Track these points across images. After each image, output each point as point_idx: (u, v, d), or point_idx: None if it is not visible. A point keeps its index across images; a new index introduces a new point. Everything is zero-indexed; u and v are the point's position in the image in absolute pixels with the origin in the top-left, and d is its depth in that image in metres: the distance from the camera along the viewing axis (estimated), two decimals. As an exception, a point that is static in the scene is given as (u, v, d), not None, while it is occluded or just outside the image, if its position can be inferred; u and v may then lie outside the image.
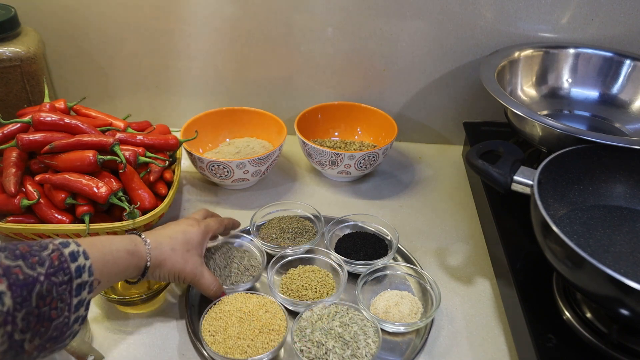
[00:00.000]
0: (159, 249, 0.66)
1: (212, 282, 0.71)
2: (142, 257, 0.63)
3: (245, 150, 1.02)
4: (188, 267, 0.68)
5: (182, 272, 0.68)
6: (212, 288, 0.71)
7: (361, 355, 0.66)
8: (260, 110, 1.04)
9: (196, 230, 0.71)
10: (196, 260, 0.70)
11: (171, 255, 0.66)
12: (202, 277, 0.70)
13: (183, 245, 0.69)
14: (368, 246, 0.83)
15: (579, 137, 0.74)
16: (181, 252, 0.68)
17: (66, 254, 0.51)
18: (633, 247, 0.70)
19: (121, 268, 0.60)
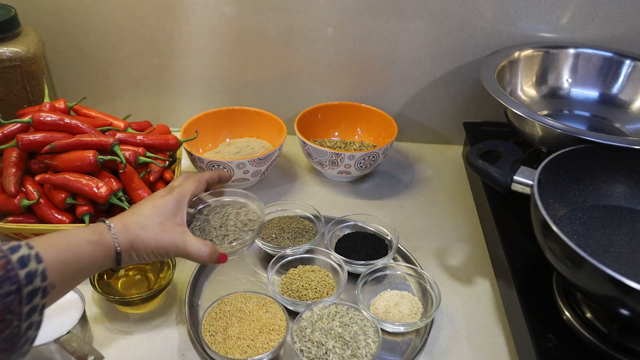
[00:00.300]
0: (126, 231, 0.59)
1: (200, 247, 0.63)
2: (109, 244, 0.57)
3: (245, 150, 1.02)
4: (165, 239, 0.61)
5: (160, 247, 0.61)
6: (202, 254, 0.63)
7: (361, 355, 0.66)
8: (260, 110, 1.04)
9: (168, 198, 0.63)
10: (173, 229, 0.62)
11: (142, 233, 0.60)
12: (186, 246, 0.62)
13: (154, 219, 0.62)
14: (368, 246, 0.83)
15: (579, 137, 0.74)
16: (153, 227, 0.61)
17: (14, 261, 0.47)
18: (633, 247, 0.70)
19: (87, 262, 0.55)
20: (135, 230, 0.60)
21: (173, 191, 0.65)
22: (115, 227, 0.59)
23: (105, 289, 0.75)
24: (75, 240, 0.55)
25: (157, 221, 0.61)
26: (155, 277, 0.78)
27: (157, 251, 0.61)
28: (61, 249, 0.53)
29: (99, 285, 0.75)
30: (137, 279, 0.78)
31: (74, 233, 0.56)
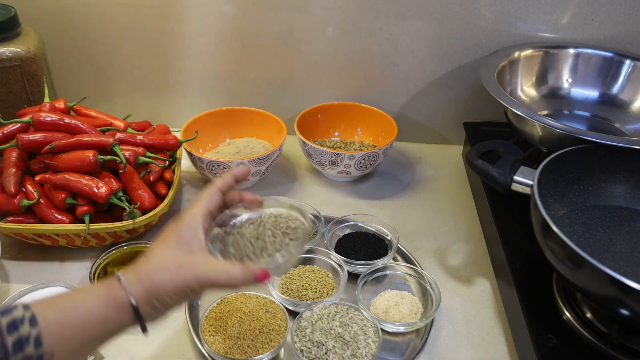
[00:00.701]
0: (139, 279, 0.50)
1: (229, 271, 0.52)
2: (121, 298, 0.49)
3: (245, 150, 1.02)
4: (184, 275, 0.51)
5: (182, 286, 0.51)
6: (233, 278, 0.52)
7: (361, 355, 0.66)
8: (260, 110, 1.04)
9: (177, 227, 0.54)
10: (192, 260, 0.52)
11: (156, 276, 0.50)
12: (209, 275, 0.51)
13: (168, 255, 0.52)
14: (368, 246, 0.83)
15: (579, 137, 0.74)
16: (167, 265, 0.51)
17: (2, 325, 0.41)
18: (633, 247, 0.70)
19: (96, 322, 0.47)
20: (148, 275, 0.51)
21: (180, 218, 0.55)
22: (126, 278, 0.50)
23: (105, 289, 0.75)
24: (80, 297, 0.48)
25: (170, 258, 0.52)
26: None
27: (180, 291, 0.51)
28: (62, 308, 0.46)
29: (99, 285, 0.75)
30: (137, 279, 0.77)
31: (81, 290, 0.50)
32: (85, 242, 0.80)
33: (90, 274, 0.75)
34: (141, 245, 0.81)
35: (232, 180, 0.60)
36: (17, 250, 0.84)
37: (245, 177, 0.61)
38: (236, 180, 0.60)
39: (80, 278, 0.80)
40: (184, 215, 0.55)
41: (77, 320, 0.46)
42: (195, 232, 0.54)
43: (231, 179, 0.60)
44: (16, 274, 0.80)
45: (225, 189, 0.59)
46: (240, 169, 0.61)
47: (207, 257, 0.53)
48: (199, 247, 0.53)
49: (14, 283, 0.79)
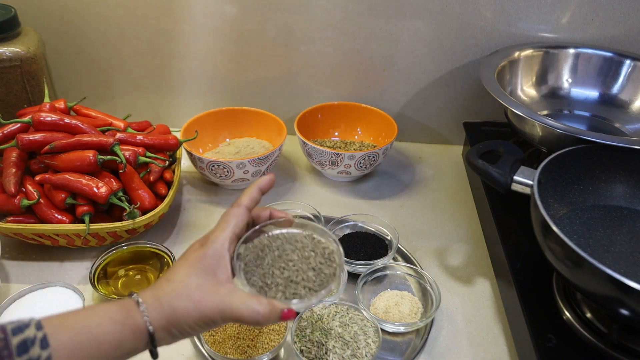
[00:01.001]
0: (159, 305, 0.48)
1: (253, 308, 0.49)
2: (138, 324, 0.47)
3: (245, 150, 1.02)
4: (207, 306, 0.48)
5: (204, 317, 0.48)
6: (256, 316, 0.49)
7: (361, 355, 0.66)
8: (260, 110, 1.04)
9: (202, 253, 0.51)
10: (216, 292, 0.49)
11: (177, 303, 0.48)
12: (233, 310, 0.49)
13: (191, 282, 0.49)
14: (368, 246, 0.83)
15: (579, 137, 0.74)
16: (190, 293, 0.48)
17: (13, 345, 0.40)
18: (633, 247, 0.70)
19: (109, 347, 0.45)
20: (169, 302, 0.48)
21: (207, 241, 0.52)
22: (145, 301, 0.48)
23: (105, 288, 0.75)
24: (96, 319, 0.46)
25: (194, 285, 0.49)
26: (155, 277, 0.78)
27: (202, 322, 0.49)
28: (76, 331, 0.44)
29: (99, 285, 0.75)
30: (137, 279, 0.78)
31: (96, 311, 0.47)
32: (85, 242, 0.80)
33: (90, 274, 0.75)
34: (141, 245, 0.81)
35: (258, 195, 0.56)
36: (17, 250, 0.84)
37: (270, 187, 0.57)
38: (262, 192, 0.57)
39: (80, 278, 0.80)
40: (210, 238, 0.52)
41: (90, 343, 0.45)
42: (222, 260, 0.51)
43: (257, 194, 0.56)
44: (16, 274, 0.80)
45: (253, 206, 0.56)
46: (265, 180, 0.57)
47: (233, 289, 0.50)
48: (225, 278, 0.50)
49: (14, 283, 0.79)
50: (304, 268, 0.53)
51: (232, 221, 0.53)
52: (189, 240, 0.87)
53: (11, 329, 0.42)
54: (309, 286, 0.52)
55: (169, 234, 0.89)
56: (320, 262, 0.53)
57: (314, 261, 0.53)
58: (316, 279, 0.52)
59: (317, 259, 0.54)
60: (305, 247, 0.55)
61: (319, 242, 0.56)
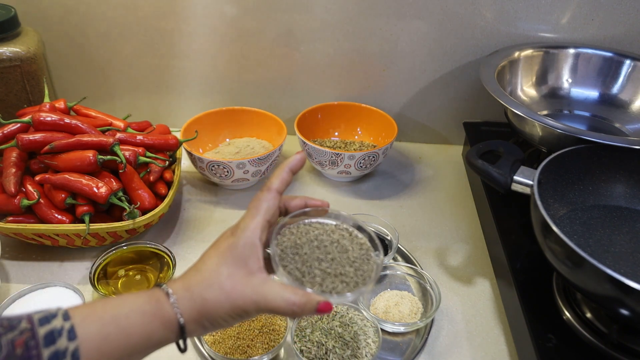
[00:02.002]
0: (190, 296, 0.47)
1: (289, 299, 0.47)
2: (169, 316, 0.46)
3: (245, 150, 1.02)
4: (239, 297, 0.47)
5: (236, 308, 0.47)
6: (292, 306, 0.47)
7: (361, 355, 0.66)
8: (260, 110, 1.04)
9: (233, 242, 0.49)
10: (248, 282, 0.47)
11: (209, 294, 0.47)
12: (267, 301, 0.47)
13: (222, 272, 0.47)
14: (368, 246, 0.83)
15: (579, 137, 0.74)
16: (221, 283, 0.47)
17: (40, 336, 0.39)
18: (633, 247, 0.70)
19: (139, 338, 0.44)
20: (200, 293, 0.47)
21: (238, 230, 0.50)
22: (175, 292, 0.47)
23: (105, 289, 0.75)
24: (124, 310, 0.45)
25: (225, 274, 0.47)
26: (155, 277, 0.78)
27: (234, 313, 0.47)
28: (104, 321, 0.43)
29: (99, 285, 0.75)
30: (137, 279, 0.78)
31: (125, 301, 0.46)
32: (85, 242, 0.80)
33: (90, 274, 0.75)
34: (141, 245, 0.81)
35: (289, 177, 0.53)
36: (17, 250, 0.84)
37: (302, 166, 0.54)
38: (293, 173, 0.53)
39: (80, 278, 0.80)
40: (240, 226, 0.50)
41: (119, 335, 0.43)
42: (254, 248, 0.48)
43: (288, 175, 0.53)
44: (16, 274, 0.80)
45: (284, 189, 0.53)
46: (295, 160, 0.53)
47: (266, 279, 0.48)
48: (257, 268, 0.48)
49: (14, 283, 0.79)
50: (343, 262, 0.51)
51: (263, 207, 0.50)
52: (189, 240, 0.87)
53: (38, 319, 0.41)
54: (346, 281, 0.50)
55: (169, 234, 0.89)
56: (358, 258, 0.52)
57: (352, 256, 0.52)
58: (354, 275, 0.50)
59: (354, 254, 0.52)
60: (343, 238, 0.53)
61: (356, 236, 0.54)
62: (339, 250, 0.52)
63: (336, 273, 0.50)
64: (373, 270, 0.51)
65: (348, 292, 0.49)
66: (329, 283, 0.49)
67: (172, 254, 0.79)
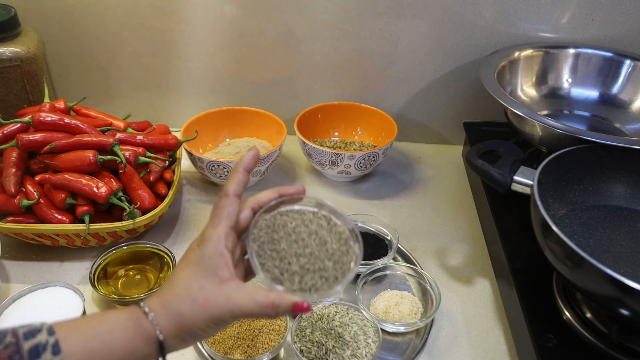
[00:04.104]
0: (167, 312, 0.47)
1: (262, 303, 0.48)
2: (149, 333, 0.46)
3: (245, 150, 1.02)
4: (213, 308, 0.47)
5: (213, 319, 0.48)
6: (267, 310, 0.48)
7: (361, 355, 0.66)
8: (260, 110, 1.04)
9: (200, 252, 0.49)
10: (220, 291, 0.48)
11: (184, 309, 0.47)
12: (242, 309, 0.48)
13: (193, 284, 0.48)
14: (368, 246, 0.83)
15: (579, 137, 0.74)
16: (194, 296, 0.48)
17: (24, 350, 0.40)
18: (633, 247, 0.70)
19: (121, 353, 0.45)
20: (176, 308, 0.47)
21: (203, 241, 0.50)
22: (152, 309, 0.47)
23: (105, 289, 0.75)
24: (107, 326, 0.45)
25: (196, 287, 0.48)
26: (155, 277, 0.78)
27: (212, 323, 0.48)
28: (88, 337, 0.44)
29: (99, 285, 0.75)
30: (137, 279, 0.78)
31: (107, 317, 0.46)
32: (85, 242, 0.80)
33: (90, 274, 0.75)
34: (141, 245, 0.81)
35: (245, 177, 0.53)
36: (17, 250, 0.84)
37: (255, 163, 0.54)
38: (248, 172, 0.53)
39: (80, 278, 0.80)
40: (205, 237, 0.50)
41: (103, 350, 0.44)
42: (221, 257, 0.49)
43: (243, 176, 0.53)
44: (16, 274, 0.80)
45: (242, 191, 0.53)
46: (247, 158, 0.53)
47: (238, 285, 0.48)
48: (228, 275, 0.48)
49: (14, 283, 0.79)
50: (322, 256, 0.50)
51: (224, 214, 0.50)
52: (188, 240, 0.87)
53: (23, 334, 0.41)
54: (325, 276, 0.50)
55: (169, 234, 0.89)
56: (337, 250, 0.51)
57: (330, 248, 0.51)
58: (333, 269, 0.50)
59: (333, 246, 0.51)
60: (321, 229, 0.52)
61: (334, 224, 0.53)
62: (317, 243, 0.51)
63: (315, 269, 0.50)
64: (352, 261, 0.51)
65: (328, 287, 0.49)
66: (308, 280, 0.49)
67: (172, 254, 0.79)
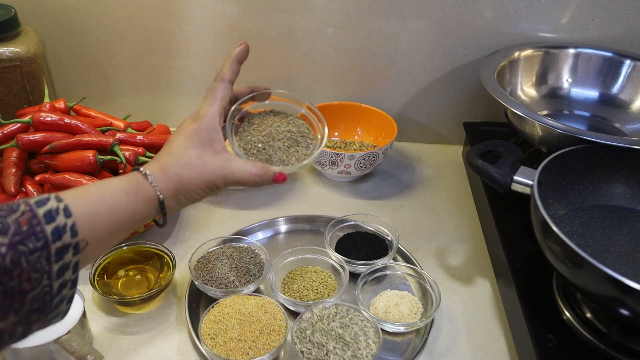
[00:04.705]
0: (166, 176, 0.53)
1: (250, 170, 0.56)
2: (149, 193, 0.52)
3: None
4: (210, 173, 0.55)
5: (208, 183, 0.55)
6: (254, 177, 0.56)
7: (362, 356, 0.66)
8: (260, 110, 1.04)
9: (196, 127, 0.57)
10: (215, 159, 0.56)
11: (183, 172, 0.54)
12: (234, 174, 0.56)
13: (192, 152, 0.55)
14: (368, 246, 0.83)
15: (579, 137, 0.74)
16: (193, 162, 0.55)
17: (40, 215, 0.44)
18: (633, 247, 0.70)
19: (125, 214, 0.50)
20: (175, 172, 0.54)
21: (199, 116, 0.58)
22: (152, 173, 0.53)
23: (105, 289, 0.75)
24: (109, 191, 0.50)
25: (195, 155, 0.55)
26: (155, 277, 0.78)
27: (206, 187, 0.56)
28: (93, 202, 0.48)
29: (99, 285, 0.75)
30: (137, 279, 0.78)
31: (107, 184, 0.51)
32: (85, 242, 0.80)
33: (90, 274, 0.75)
34: (141, 245, 0.81)
35: (237, 67, 0.60)
36: (17, 250, 0.84)
37: (247, 55, 0.61)
38: (240, 63, 0.61)
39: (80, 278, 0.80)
40: (201, 112, 0.58)
41: (107, 212, 0.49)
42: (216, 132, 0.57)
43: (236, 65, 0.60)
44: (16, 274, 0.80)
45: (234, 78, 0.60)
46: (240, 51, 0.61)
47: (230, 156, 0.56)
48: (221, 148, 0.56)
49: (14, 283, 0.79)
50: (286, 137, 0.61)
51: (219, 95, 0.58)
52: (189, 240, 0.87)
53: (34, 202, 0.44)
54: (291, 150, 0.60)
55: (169, 234, 0.89)
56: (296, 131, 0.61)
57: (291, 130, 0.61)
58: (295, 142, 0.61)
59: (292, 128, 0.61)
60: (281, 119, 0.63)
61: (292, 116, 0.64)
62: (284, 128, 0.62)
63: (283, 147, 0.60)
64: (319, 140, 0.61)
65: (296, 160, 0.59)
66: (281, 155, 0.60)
67: (172, 254, 0.79)
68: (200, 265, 0.78)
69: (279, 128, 0.61)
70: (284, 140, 0.60)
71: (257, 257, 0.81)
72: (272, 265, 0.78)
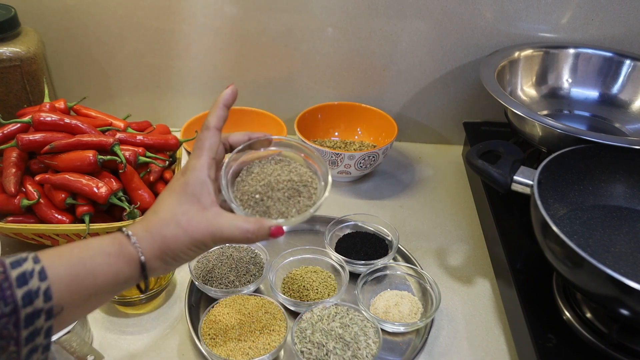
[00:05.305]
0: (150, 236, 0.50)
1: (242, 227, 0.51)
2: (131, 254, 0.49)
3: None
4: (196, 231, 0.50)
5: (196, 242, 0.50)
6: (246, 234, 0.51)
7: (362, 356, 0.66)
8: (260, 110, 1.04)
9: (184, 181, 0.52)
10: (202, 216, 0.51)
11: (168, 232, 0.50)
12: (223, 232, 0.50)
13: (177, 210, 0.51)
14: (368, 246, 0.83)
15: (579, 137, 0.74)
16: (177, 220, 0.50)
17: (12, 278, 0.41)
18: (633, 247, 0.70)
19: (105, 278, 0.47)
20: (159, 231, 0.50)
21: (187, 170, 0.53)
22: (135, 233, 0.50)
23: (105, 289, 0.75)
24: (89, 252, 0.47)
25: (180, 212, 0.50)
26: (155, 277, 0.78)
27: (193, 246, 0.51)
28: (72, 263, 0.46)
29: (99, 285, 0.75)
30: (137, 279, 0.78)
31: (89, 244, 0.49)
32: (85, 242, 0.80)
33: (90, 274, 0.75)
34: (141, 245, 0.81)
35: (224, 112, 0.55)
36: (17, 250, 0.84)
37: (234, 99, 0.56)
38: (227, 108, 0.56)
39: (80, 278, 0.80)
40: (189, 166, 0.53)
41: (86, 275, 0.46)
42: (204, 185, 0.52)
43: (223, 111, 0.55)
44: (16, 274, 0.80)
45: (222, 125, 0.55)
46: (227, 94, 0.55)
47: (219, 212, 0.51)
48: (210, 202, 0.51)
49: (14, 283, 0.79)
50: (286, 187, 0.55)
51: (206, 146, 0.53)
52: (189, 240, 0.87)
53: (10, 263, 0.43)
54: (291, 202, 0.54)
55: (169, 234, 0.89)
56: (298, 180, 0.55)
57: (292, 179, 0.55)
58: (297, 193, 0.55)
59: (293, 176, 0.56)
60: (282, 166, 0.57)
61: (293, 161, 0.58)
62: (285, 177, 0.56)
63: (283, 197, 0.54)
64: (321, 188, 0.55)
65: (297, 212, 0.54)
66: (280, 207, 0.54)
67: (172, 254, 0.79)
68: (200, 265, 0.78)
69: (278, 177, 0.55)
70: (283, 190, 0.54)
71: (257, 257, 0.81)
72: (272, 265, 0.78)
